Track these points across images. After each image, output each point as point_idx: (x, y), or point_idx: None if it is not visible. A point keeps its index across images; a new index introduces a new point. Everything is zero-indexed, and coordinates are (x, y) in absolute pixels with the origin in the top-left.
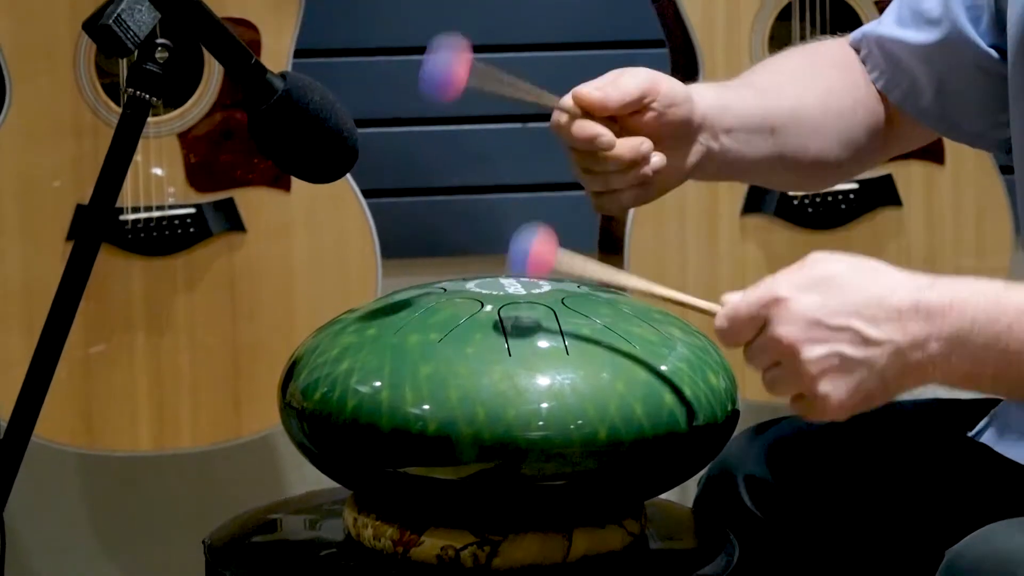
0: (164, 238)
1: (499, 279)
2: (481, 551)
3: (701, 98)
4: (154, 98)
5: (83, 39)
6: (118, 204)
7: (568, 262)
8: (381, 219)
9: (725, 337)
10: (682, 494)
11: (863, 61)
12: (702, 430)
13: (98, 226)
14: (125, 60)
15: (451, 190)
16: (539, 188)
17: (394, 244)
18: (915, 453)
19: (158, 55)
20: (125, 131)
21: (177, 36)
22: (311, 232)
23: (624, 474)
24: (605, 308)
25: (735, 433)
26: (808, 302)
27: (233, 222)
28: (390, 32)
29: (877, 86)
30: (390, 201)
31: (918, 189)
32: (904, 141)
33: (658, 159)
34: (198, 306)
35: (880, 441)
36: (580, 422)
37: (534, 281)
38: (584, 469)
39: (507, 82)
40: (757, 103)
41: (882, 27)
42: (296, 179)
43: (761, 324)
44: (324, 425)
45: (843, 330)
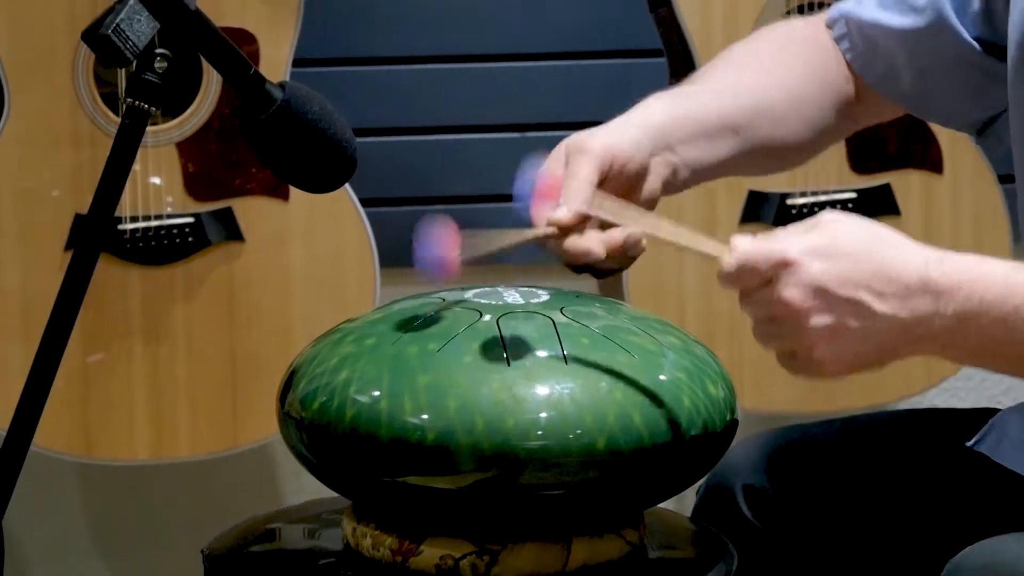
0: (162, 247)
1: (498, 289)
2: (480, 560)
3: (649, 126)
4: (153, 108)
5: (82, 49)
6: (117, 213)
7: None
8: (379, 228)
9: (728, 283)
10: (680, 503)
11: (838, 39)
12: (700, 439)
13: (97, 236)
14: (124, 70)
15: (450, 199)
16: None
17: (392, 253)
18: (913, 462)
19: (157, 65)
20: (124, 141)
21: (176, 46)
22: (309, 241)
23: (623, 483)
24: (604, 318)
25: (734, 443)
26: (818, 269)
27: (231, 231)
28: (388, 41)
29: (853, 66)
30: (389, 210)
31: (916, 198)
32: (874, 116)
33: (638, 244)
34: (196, 315)
35: (878, 451)
36: (579, 431)
37: (533, 290)
38: (583, 478)
39: (494, 238)
40: (715, 105)
41: (862, 8)
42: (295, 188)
43: (767, 279)
44: (323, 435)
45: (849, 301)
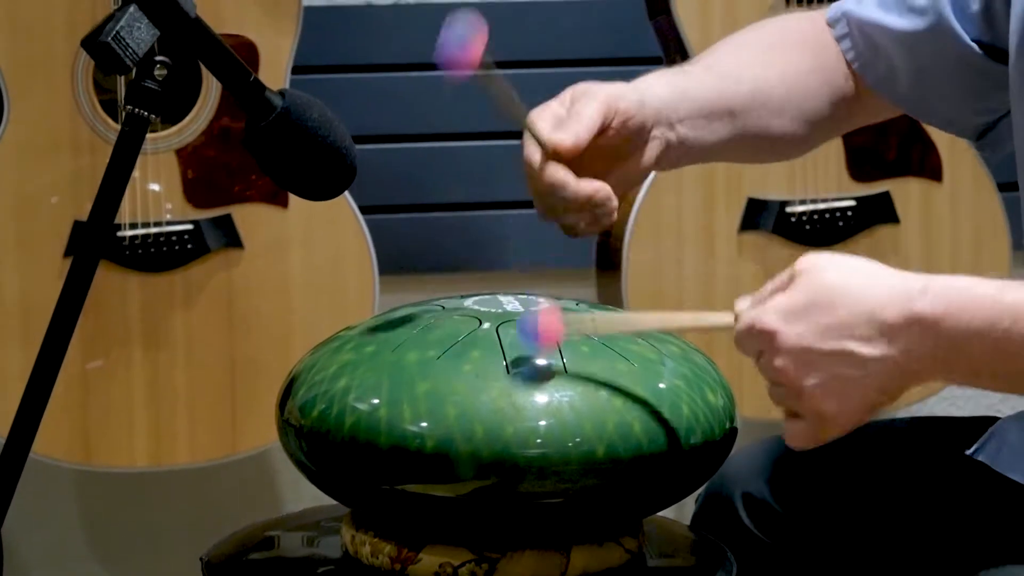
0: (162, 254)
1: (497, 296)
2: (479, 568)
3: (653, 95)
4: (152, 115)
5: (81, 56)
6: (116, 220)
7: (577, 325)
8: (379, 236)
9: (741, 351)
10: (680, 512)
11: (839, 39)
12: (700, 448)
13: (97, 243)
14: (123, 77)
15: (449, 207)
16: None
17: (392, 261)
18: (912, 471)
19: (157, 72)
20: (124, 148)
21: (176, 53)
22: (309, 248)
23: (622, 491)
24: None
25: (733, 451)
26: (797, 332)
27: (231, 238)
28: (388, 49)
29: (854, 67)
30: (388, 217)
31: (916, 206)
32: (871, 116)
33: (611, 204)
34: (195, 322)
35: (878, 459)
36: (578, 439)
37: (532, 298)
38: (582, 486)
39: (505, 88)
40: (715, 87)
41: (863, 9)
42: (294, 195)
43: (760, 351)
44: (322, 442)
45: (837, 354)
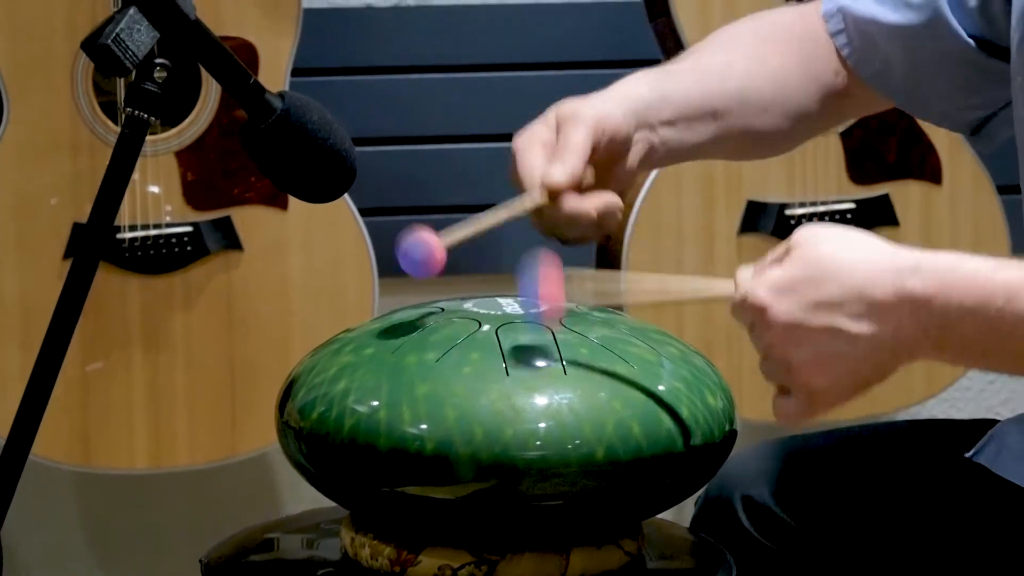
0: (161, 256)
1: (497, 298)
2: (478, 571)
3: (636, 99)
4: (152, 117)
5: (81, 58)
6: (115, 222)
7: (578, 289)
8: (378, 238)
9: (738, 319)
10: (679, 514)
11: (834, 34)
12: (699, 450)
13: (96, 245)
14: (123, 79)
15: (448, 209)
16: None
17: (391, 263)
18: (912, 473)
19: (156, 75)
20: (123, 150)
21: (175, 56)
22: (308, 251)
23: (622, 494)
24: (602, 327)
25: (733, 453)
26: (786, 307)
27: (230, 240)
28: (387, 51)
29: (849, 62)
30: (387, 220)
31: (915, 209)
32: (861, 110)
33: (617, 211)
34: (195, 324)
35: (877, 461)
36: (577, 442)
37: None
38: (582, 489)
39: (475, 223)
40: (699, 87)
41: (859, 4)
42: (293, 198)
43: (751, 324)
44: (321, 445)
45: (826, 330)
